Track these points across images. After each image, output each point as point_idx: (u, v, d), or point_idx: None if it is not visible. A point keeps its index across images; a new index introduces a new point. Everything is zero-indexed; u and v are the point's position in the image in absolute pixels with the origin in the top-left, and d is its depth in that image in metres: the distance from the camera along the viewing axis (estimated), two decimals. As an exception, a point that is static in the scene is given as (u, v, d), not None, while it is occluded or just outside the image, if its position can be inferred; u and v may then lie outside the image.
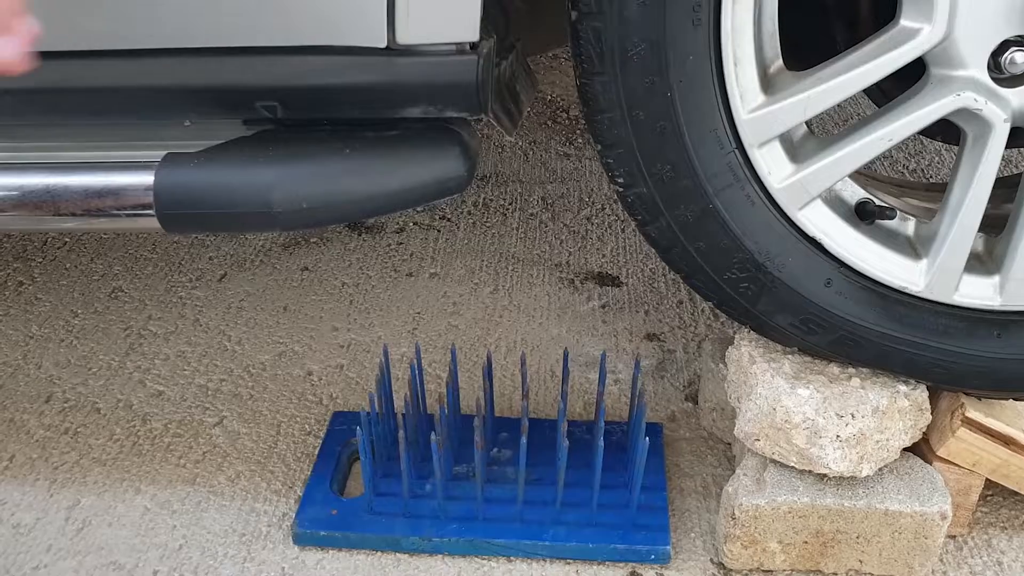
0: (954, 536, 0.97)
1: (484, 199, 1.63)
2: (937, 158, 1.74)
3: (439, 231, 1.53)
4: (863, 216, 0.85)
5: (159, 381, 1.20)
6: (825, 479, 0.90)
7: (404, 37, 0.78)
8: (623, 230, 1.52)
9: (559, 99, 1.97)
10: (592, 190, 1.65)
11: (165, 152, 0.82)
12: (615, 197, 0.84)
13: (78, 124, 0.86)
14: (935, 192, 1.01)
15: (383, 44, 0.78)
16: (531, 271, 1.42)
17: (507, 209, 1.60)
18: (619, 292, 1.37)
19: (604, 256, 1.46)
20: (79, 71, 0.83)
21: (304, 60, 0.80)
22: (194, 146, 0.83)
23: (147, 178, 0.81)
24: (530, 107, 1.58)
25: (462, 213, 1.58)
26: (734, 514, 0.90)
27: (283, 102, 0.82)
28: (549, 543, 0.94)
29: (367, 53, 0.79)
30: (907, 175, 1.69)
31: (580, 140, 1.83)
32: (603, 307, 1.34)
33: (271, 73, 0.81)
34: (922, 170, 1.70)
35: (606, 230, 1.53)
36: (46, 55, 0.81)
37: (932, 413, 0.90)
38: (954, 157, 1.72)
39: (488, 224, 1.55)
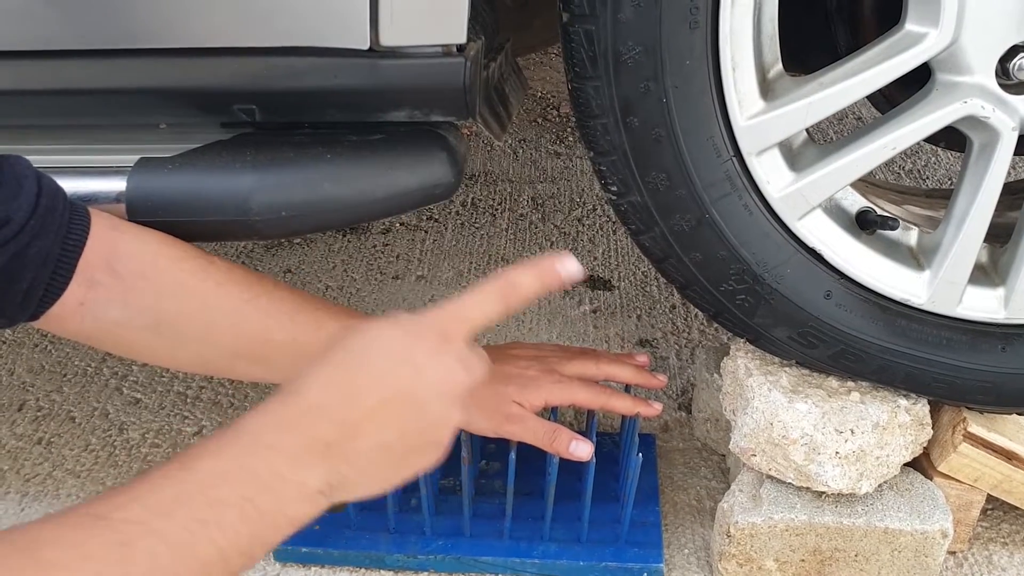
0: (954, 552, 0.94)
1: (472, 199, 1.60)
2: (933, 158, 1.71)
3: (426, 232, 1.50)
4: (864, 226, 0.83)
5: (136, 388, 1.16)
6: (823, 496, 0.87)
7: (388, 38, 0.74)
8: (615, 232, 1.49)
9: (549, 96, 1.94)
10: (583, 190, 1.62)
11: (138, 157, 0.79)
12: (606, 198, 0.81)
13: (46, 127, 0.83)
14: (936, 199, 0.98)
15: (366, 45, 0.75)
16: (521, 274, 1.39)
17: (496, 209, 1.56)
18: (611, 296, 1.34)
19: (595, 259, 1.43)
20: (48, 72, 0.79)
21: (283, 61, 0.76)
22: (169, 150, 0.79)
23: (119, 184, 0.78)
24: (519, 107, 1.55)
25: (450, 214, 1.55)
26: (729, 532, 0.87)
27: (261, 105, 0.79)
28: (538, 560, 0.91)
29: (349, 55, 0.75)
30: (903, 176, 1.67)
31: (571, 138, 1.79)
32: (594, 312, 1.31)
33: (248, 75, 0.77)
34: (918, 170, 1.68)
35: (597, 231, 1.50)
36: (14, 55, 0.78)
37: (933, 427, 0.88)
38: (950, 156, 1.70)
39: (477, 225, 1.52)
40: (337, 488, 0.55)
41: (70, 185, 0.78)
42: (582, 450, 0.84)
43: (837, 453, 0.83)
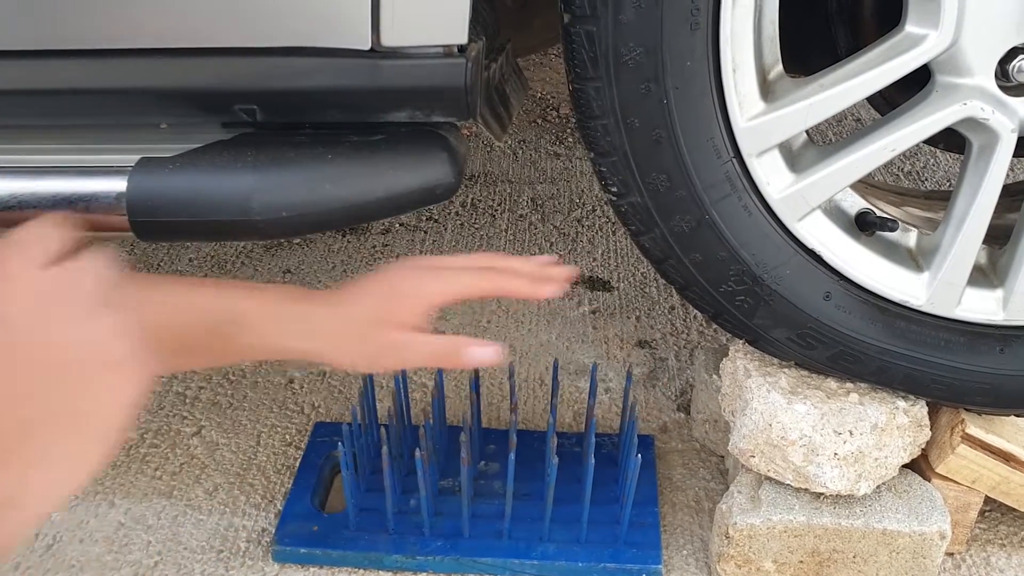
0: (952, 554, 0.94)
1: (472, 200, 1.60)
2: (932, 160, 1.72)
3: (426, 233, 1.50)
4: (863, 227, 0.83)
5: (136, 388, 1.16)
6: (822, 497, 0.87)
7: (389, 39, 0.74)
8: (614, 232, 1.49)
9: (549, 97, 1.94)
10: (583, 191, 1.62)
11: (139, 157, 0.79)
12: (606, 199, 0.80)
13: (47, 127, 0.82)
14: (935, 200, 0.98)
15: (367, 46, 0.75)
16: (520, 275, 1.39)
17: (496, 210, 1.57)
18: (610, 297, 1.35)
19: (595, 259, 1.43)
20: (49, 72, 0.79)
21: (284, 62, 0.76)
22: (169, 150, 0.79)
23: (119, 184, 0.77)
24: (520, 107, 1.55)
25: (449, 214, 1.55)
26: (728, 533, 0.87)
27: (262, 105, 0.79)
28: (537, 561, 0.91)
29: (350, 55, 0.75)
30: (902, 177, 1.67)
31: (571, 139, 1.79)
32: (593, 312, 1.31)
33: (249, 75, 0.77)
34: (917, 172, 1.68)
35: (597, 232, 1.50)
36: (14, 55, 0.78)
37: (931, 429, 0.88)
38: (949, 158, 1.70)
39: (476, 226, 1.52)
40: (22, 496, 0.42)
41: (70, 185, 0.78)
42: (487, 352, 0.66)
43: (836, 454, 0.84)
